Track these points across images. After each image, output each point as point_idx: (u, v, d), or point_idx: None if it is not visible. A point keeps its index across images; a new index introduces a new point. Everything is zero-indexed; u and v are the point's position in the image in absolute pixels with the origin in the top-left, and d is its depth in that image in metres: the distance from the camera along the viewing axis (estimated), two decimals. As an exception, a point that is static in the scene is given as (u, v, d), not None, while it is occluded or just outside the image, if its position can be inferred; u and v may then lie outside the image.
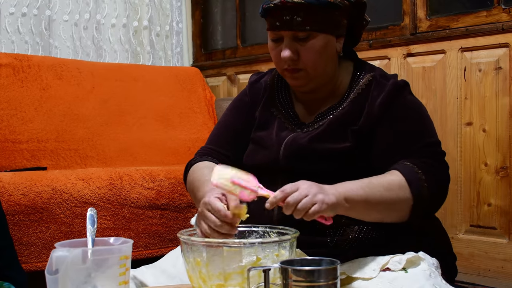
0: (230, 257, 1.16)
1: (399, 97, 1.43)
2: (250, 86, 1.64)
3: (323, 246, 1.35)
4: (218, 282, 1.16)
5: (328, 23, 1.40)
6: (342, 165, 1.40)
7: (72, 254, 0.99)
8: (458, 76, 2.56)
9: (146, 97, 3.04)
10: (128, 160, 2.83)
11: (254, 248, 1.17)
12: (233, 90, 3.54)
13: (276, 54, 1.45)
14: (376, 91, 1.43)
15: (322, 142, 1.42)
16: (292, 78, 1.46)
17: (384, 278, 1.27)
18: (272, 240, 1.21)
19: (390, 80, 1.45)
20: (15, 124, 2.62)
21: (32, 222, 2.01)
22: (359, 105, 1.43)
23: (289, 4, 1.37)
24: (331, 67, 1.46)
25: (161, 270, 1.46)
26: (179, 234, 1.22)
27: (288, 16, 1.38)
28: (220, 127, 1.66)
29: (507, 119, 2.40)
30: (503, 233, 2.43)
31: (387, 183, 1.31)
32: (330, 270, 1.03)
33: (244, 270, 1.14)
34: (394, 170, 1.34)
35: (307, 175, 1.41)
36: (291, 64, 1.42)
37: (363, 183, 1.29)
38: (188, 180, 1.56)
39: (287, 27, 1.39)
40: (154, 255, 2.19)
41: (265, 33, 1.52)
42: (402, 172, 1.33)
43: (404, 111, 1.42)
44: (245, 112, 1.61)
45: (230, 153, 1.59)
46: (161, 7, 3.61)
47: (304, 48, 1.40)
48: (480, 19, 2.50)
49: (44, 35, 3.18)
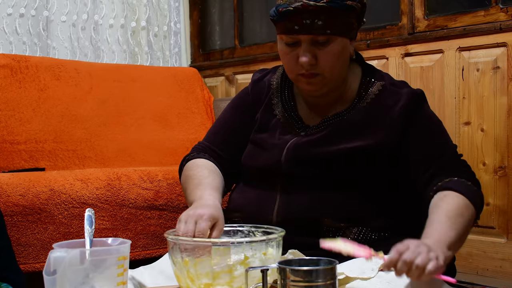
0: (218, 256, 1.16)
1: (421, 107, 1.43)
2: (253, 84, 1.61)
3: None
4: (206, 281, 1.16)
5: (345, 26, 1.38)
6: (345, 171, 1.40)
7: (70, 255, 0.99)
8: (456, 75, 2.56)
9: (144, 97, 3.04)
10: (126, 160, 2.83)
11: (242, 247, 1.17)
12: (231, 90, 3.54)
13: (291, 58, 1.41)
14: (390, 100, 1.42)
15: (325, 148, 1.41)
16: (308, 83, 1.42)
17: (382, 278, 1.27)
18: (260, 239, 1.21)
19: (404, 88, 1.44)
20: (13, 125, 2.61)
21: (30, 223, 2.00)
22: (372, 115, 1.42)
23: (311, 7, 1.32)
24: (345, 71, 1.45)
25: (159, 271, 1.46)
26: (166, 234, 1.22)
27: (308, 20, 1.33)
28: (218, 124, 1.64)
29: (505, 118, 2.41)
30: (502, 233, 2.43)
31: (458, 210, 1.29)
32: (328, 270, 1.03)
33: (232, 269, 1.14)
34: (450, 192, 1.32)
35: (308, 180, 1.41)
36: (309, 69, 1.38)
37: (447, 222, 1.25)
38: (183, 174, 1.55)
39: (307, 31, 1.35)
40: (152, 256, 2.19)
41: (263, 33, 1.50)
42: (459, 191, 1.32)
43: (429, 121, 1.44)
44: (245, 111, 1.59)
45: (223, 153, 1.58)
46: (159, 8, 3.61)
47: (323, 53, 1.37)
48: (478, 18, 2.50)
49: (42, 35, 3.17)
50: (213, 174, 1.50)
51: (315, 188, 1.40)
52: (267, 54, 3.32)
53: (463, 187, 1.33)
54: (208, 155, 1.56)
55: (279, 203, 1.42)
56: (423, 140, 1.41)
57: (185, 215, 1.26)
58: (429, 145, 1.41)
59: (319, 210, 1.38)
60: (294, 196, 1.41)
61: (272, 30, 3.37)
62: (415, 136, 1.41)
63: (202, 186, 1.43)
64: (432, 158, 1.39)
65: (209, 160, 1.55)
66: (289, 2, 1.35)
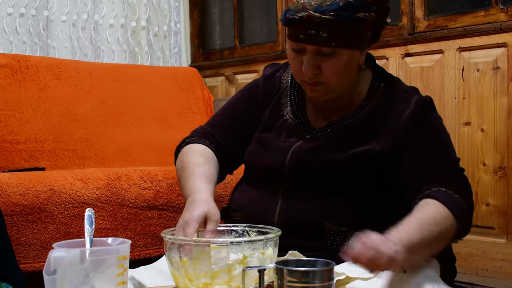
0: (217, 256, 1.16)
1: (427, 114, 1.41)
2: (265, 79, 1.58)
3: (323, 250, 1.35)
4: (204, 281, 1.16)
5: (354, 38, 1.35)
6: (347, 176, 1.40)
7: (70, 255, 0.99)
8: (456, 76, 2.56)
9: (144, 97, 3.04)
10: (126, 160, 2.83)
11: (240, 247, 1.18)
12: (231, 90, 3.54)
13: (296, 64, 1.39)
14: (400, 107, 1.41)
15: (330, 152, 1.40)
16: (311, 91, 1.41)
17: (382, 278, 1.27)
18: (259, 238, 1.21)
19: (414, 96, 1.43)
20: (13, 124, 2.62)
21: (30, 223, 2.00)
22: (378, 120, 1.41)
23: (316, 19, 1.30)
24: (352, 80, 1.43)
25: (159, 271, 1.46)
26: (163, 234, 1.22)
27: (313, 31, 1.31)
28: (223, 112, 1.62)
29: (505, 119, 2.41)
30: (501, 233, 2.43)
31: (434, 219, 1.26)
32: (325, 271, 1.02)
33: (231, 269, 1.14)
34: (431, 200, 1.30)
35: (310, 183, 1.41)
36: (312, 77, 1.37)
37: (416, 226, 1.23)
38: (179, 158, 1.54)
39: (312, 42, 1.33)
40: (152, 256, 2.19)
41: (263, 33, 1.50)
42: (441, 201, 1.29)
43: (433, 128, 1.41)
44: (253, 104, 1.57)
45: (223, 140, 1.56)
46: (159, 7, 3.61)
47: (327, 64, 1.35)
48: (478, 19, 2.50)
49: (42, 35, 3.17)
50: (208, 163, 1.48)
51: (317, 192, 1.40)
52: (267, 54, 3.32)
53: (449, 198, 1.30)
54: (208, 142, 1.55)
55: (280, 205, 1.42)
56: (422, 146, 1.39)
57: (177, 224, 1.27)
58: (426, 152, 1.38)
59: (320, 214, 1.38)
60: (296, 199, 1.41)
61: (272, 30, 3.39)
62: (415, 141, 1.39)
63: (194, 176, 1.41)
64: (426, 166, 1.36)
65: (207, 147, 1.53)
66: (296, 10, 1.33)
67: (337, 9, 1.29)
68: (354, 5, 1.31)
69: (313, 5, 1.31)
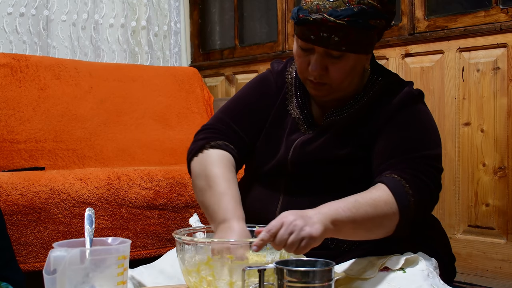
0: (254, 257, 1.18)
1: (410, 104, 1.40)
2: (277, 75, 1.56)
3: (323, 248, 1.35)
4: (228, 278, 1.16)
5: (363, 44, 1.36)
6: (348, 168, 1.40)
7: (70, 254, 0.99)
8: (456, 76, 2.56)
9: (144, 97, 3.04)
10: (126, 160, 2.83)
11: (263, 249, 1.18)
12: (231, 90, 3.54)
13: (302, 63, 1.39)
14: (388, 96, 1.41)
15: (329, 147, 1.40)
16: (315, 89, 1.42)
17: (382, 278, 1.27)
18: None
19: (405, 87, 1.43)
20: (13, 124, 2.62)
21: (30, 222, 2.00)
22: (371, 113, 1.41)
23: (330, 23, 1.30)
24: (356, 81, 1.44)
25: (159, 270, 1.46)
26: (177, 235, 1.22)
27: (325, 34, 1.31)
28: (237, 103, 1.57)
29: (505, 119, 2.41)
30: (501, 233, 2.43)
31: (373, 200, 1.25)
32: (325, 271, 1.03)
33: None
34: (381, 184, 1.30)
35: (311, 180, 1.41)
36: (318, 78, 1.38)
37: (349, 203, 1.24)
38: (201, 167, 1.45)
39: (323, 44, 1.33)
40: (152, 255, 2.19)
41: (263, 33, 1.49)
42: (388, 186, 1.28)
43: (412, 118, 1.39)
44: (264, 95, 1.54)
45: (241, 130, 1.51)
46: (159, 7, 3.61)
47: (334, 66, 1.36)
48: (478, 19, 2.50)
49: (42, 35, 3.17)
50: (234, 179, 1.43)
51: (317, 189, 1.40)
52: (267, 54, 3.32)
53: (397, 186, 1.28)
54: (229, 142, 1.49)
55: (281, 203, 1.42)
56: (396, 132, 1.37)
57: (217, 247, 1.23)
58: (399, 138, 1.36)
59: None
60: (297, 197, 1.41)
61: (272, 30, 3.39)
62: (392, 125, 1.38)
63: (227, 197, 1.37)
64: (395, 152, 1.35)
65: (229, 152, 1.48)
66: (310, 11, 1.32)
67: (351, 15, 1.30)
68: (367, 12, 1.31)
69: (327, 8, 1.30)
